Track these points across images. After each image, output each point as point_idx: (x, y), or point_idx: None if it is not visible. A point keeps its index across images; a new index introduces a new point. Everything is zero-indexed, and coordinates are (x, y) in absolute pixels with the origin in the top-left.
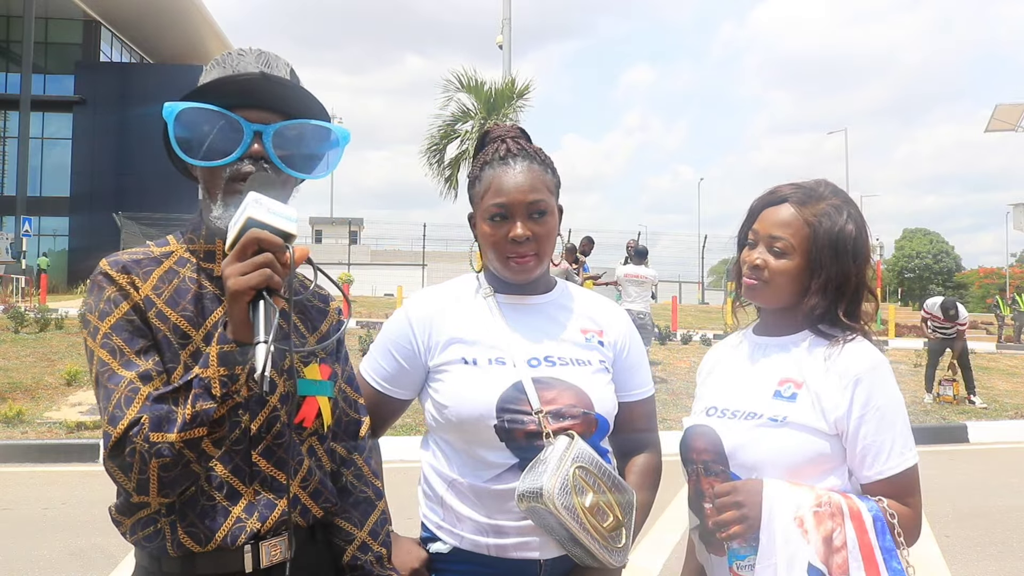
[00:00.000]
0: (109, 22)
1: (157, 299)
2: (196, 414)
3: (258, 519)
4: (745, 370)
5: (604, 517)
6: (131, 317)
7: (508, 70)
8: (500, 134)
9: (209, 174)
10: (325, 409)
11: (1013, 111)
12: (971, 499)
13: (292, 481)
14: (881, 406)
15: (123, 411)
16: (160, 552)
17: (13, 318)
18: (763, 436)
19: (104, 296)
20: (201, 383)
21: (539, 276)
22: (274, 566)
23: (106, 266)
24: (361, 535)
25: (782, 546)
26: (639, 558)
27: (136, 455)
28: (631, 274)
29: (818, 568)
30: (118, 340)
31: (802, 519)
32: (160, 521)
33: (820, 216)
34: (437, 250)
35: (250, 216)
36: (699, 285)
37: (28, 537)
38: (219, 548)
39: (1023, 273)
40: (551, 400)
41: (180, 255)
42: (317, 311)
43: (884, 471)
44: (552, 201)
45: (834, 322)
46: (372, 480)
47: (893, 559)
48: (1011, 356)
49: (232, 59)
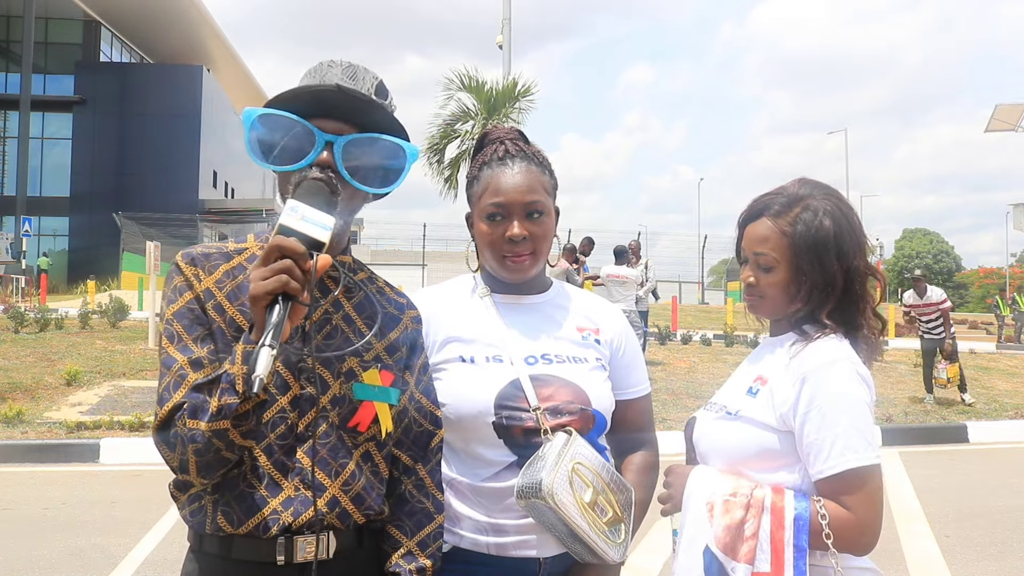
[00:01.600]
0: (109, 22)
1: (218, 292)
2: (221, 407)
3: (292, 514)
4: (743, 369)
5: (603, 513)
6: (192, 306)
7: (508, 70)
8: (498, 136)
9: (282, 178)
10: (384, 415)
11: (1013, 111)
12: (971, 499)
13: (333, 482)
14: (823, 404)
15: (170, 394)
16: (201, 528)
17: (13, 318)
18: (714, 428)
19: (172, 285)
20: (228, 378)
21: (535, 276)
22: (310, 563)
23: (179, 258)
24: (409, 544)
25: (689, 527)
26: (639, 558)
27: (178, 437)
28: (613, 274)
29: (712, 552)
30: (178, 326)
31: (712, 505)
32: (204, 499)
33: (795, 223)
34: (437, 250)
35: (281, 223)
36: (699, 285)
37: (28, 537)
38: (251, 534)
39: (1023, 273)
40: (549, 397)
41: (253, 252)
42: (390, 318)
43: (824, 471)
44: (549, 202)
45: (816, 323)
46: (433, 492)
47: (801, 559)
48: (1011, 356)
49: (321, 69)
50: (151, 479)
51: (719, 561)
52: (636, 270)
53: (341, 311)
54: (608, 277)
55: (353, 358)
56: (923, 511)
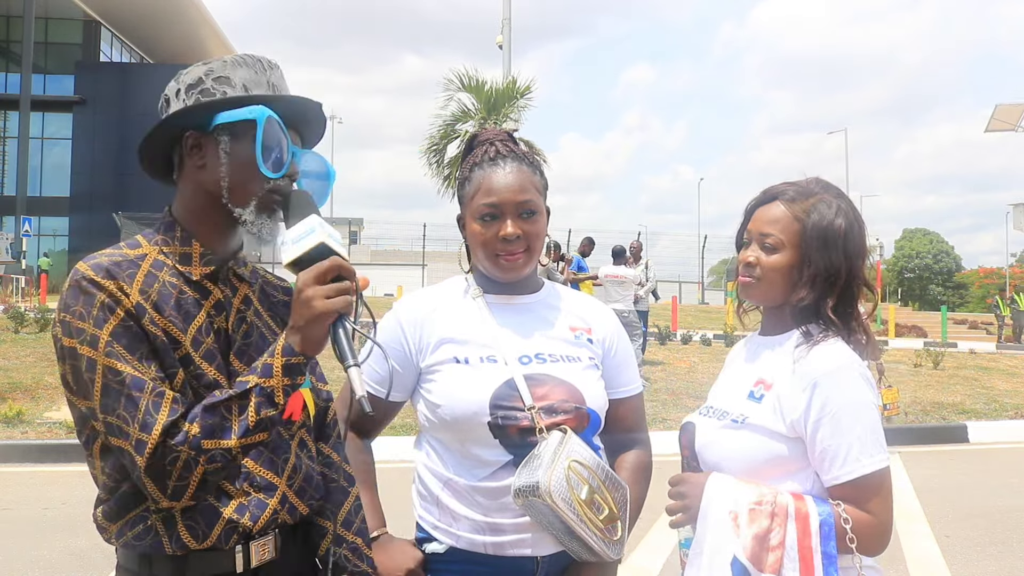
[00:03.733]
0: (109, 22)
1: (146, 304)
2: (260, 421)
3: (249, 519)
4: (737, 369)
5: (600, 510)
6: (128, 323)
7: (508, 70)
8: (488, 137)
9: (250, 178)
10: (310, 401)
11: (1013, 111)
12: (971, 499)
13: (280, 479)
14: (837, 411)
15: (153, 416)
16: (154, 550)
17: (13, 318)
18: (724, 436)
19: (95, 302)
20: (263, 392)
21: (528, 275)
22: (262, 565)
23: (88, 270)
24: (334, 527)
25: (711, 537)
26: (639, 558)
27: (178, 462)
28: (611, 275)
29: (742, 563)
30: (119, 347)
31: (737, 514)
32: (151, 519)
33: (810, 210)
34: (437, 250)
35: (323, 242)
36: (699, 285)
37: (28, 537)
38: (213, 547)
39: (1023, 273)
40: (543, 396)
41: (155, 257)
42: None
43: (840, 476)
44: (541, 201)
45: (821, 317)
46: (343, 466)
47: (832, 565)
48: (1011, 356)
49: (262, 67)
50: None
51: (749, 573)
52: (634, 270)
53: (251, 307)
54: (606, 277)
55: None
56: (923, 511)
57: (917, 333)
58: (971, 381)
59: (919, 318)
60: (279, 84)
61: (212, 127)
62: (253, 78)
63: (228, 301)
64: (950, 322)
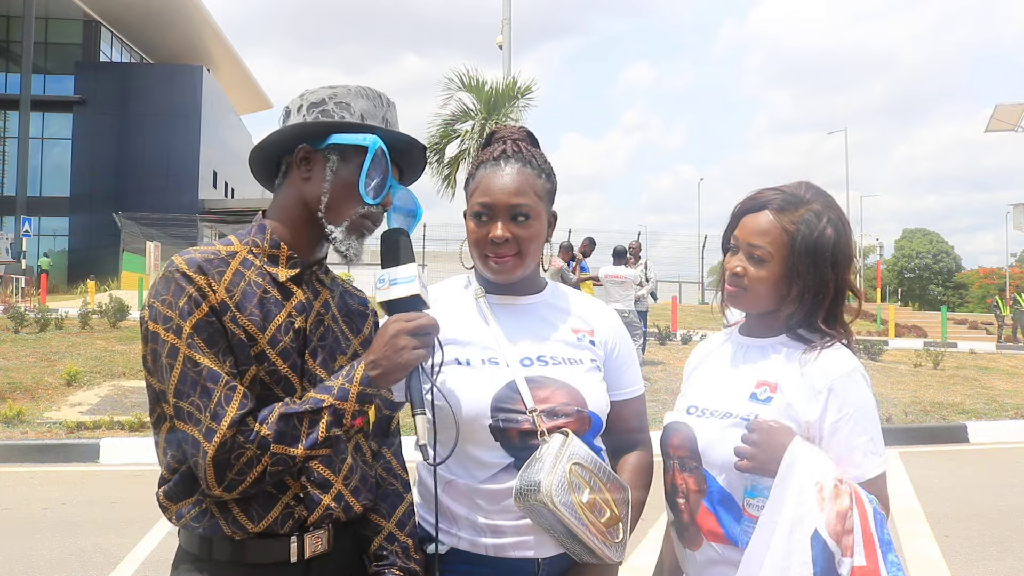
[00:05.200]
0: (109, 22)
1: (230, 302)
2: (328, 438)
3: (305, 509)
4: (726, 370)
5: (601, 513)
6: (211, 319)
7: (508, 70)
8: (503, 135)
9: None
10: (371, 412)
11: (1013, 111)
12: (971, 499)
13: (336, 477)
14: (853, 413)
15: (224, 408)
16: (212, 531)
17: (13, 318)
18: (733, 436)
19: (184, 294)
20: (335, 411)
21: (521, 278)
22: (314, 557)
23: (182, 264)
24: (388, 526)
25: (793, 506)
26: (637, 558)
27: (243, 457)
28: (611, 275)
29: (823, 538)
30: (199, 340)
31: (823, 486)
32: (206, 502)
33: (799, 223)
34: (437, 250)
35: (420, 295)
36: (699, 285)
37: (28, 537)
38: (269, 531)
39: (1023, 273)
40: (545, 399)
41: (244, 256)
42: (358, 314)
43: (858, 476)
44: (539, 206)
45: (812, 328)
46: (400, 473)
47: (890, 551)
48: (1011, 356)
49: (383, 104)
50: (151, 479)
51: (830, 550)
52: (634, 270)
53: (329, 312)
54: (607, 277)
55: (342, 356)
56: (923, 511)
57: (917, 333)
58: (971, 381)
59: (919, 318)
60: (392, 120)
61: (324, 145)
62: (370, 110)
63: (310, 303)
64: (950, 322)
